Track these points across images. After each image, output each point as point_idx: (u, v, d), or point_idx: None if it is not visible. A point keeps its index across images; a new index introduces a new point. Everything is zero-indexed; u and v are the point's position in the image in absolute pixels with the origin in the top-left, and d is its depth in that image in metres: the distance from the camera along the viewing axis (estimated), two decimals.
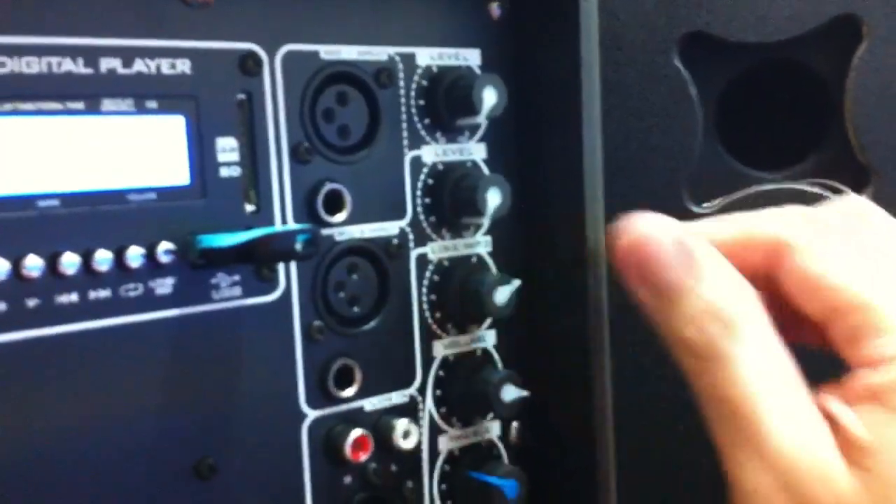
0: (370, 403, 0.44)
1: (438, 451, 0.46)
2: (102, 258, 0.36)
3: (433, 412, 0.46)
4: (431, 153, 0.46)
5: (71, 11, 0.36)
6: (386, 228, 0.44)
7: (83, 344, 0.36)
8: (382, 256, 0.44)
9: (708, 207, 0.53)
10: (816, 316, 0.35)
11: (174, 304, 0.38)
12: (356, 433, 0.42)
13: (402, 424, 0.43)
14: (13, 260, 0.34)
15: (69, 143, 0.36)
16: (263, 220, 0.40)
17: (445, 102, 0.45)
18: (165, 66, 0.38)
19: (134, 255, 0.37)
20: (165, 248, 0.37)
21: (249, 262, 0.39)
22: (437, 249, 0.46)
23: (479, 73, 0.46)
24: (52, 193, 0.35)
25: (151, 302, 0.37)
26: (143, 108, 0.37)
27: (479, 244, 0.47)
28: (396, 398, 0.45)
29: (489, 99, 0.44)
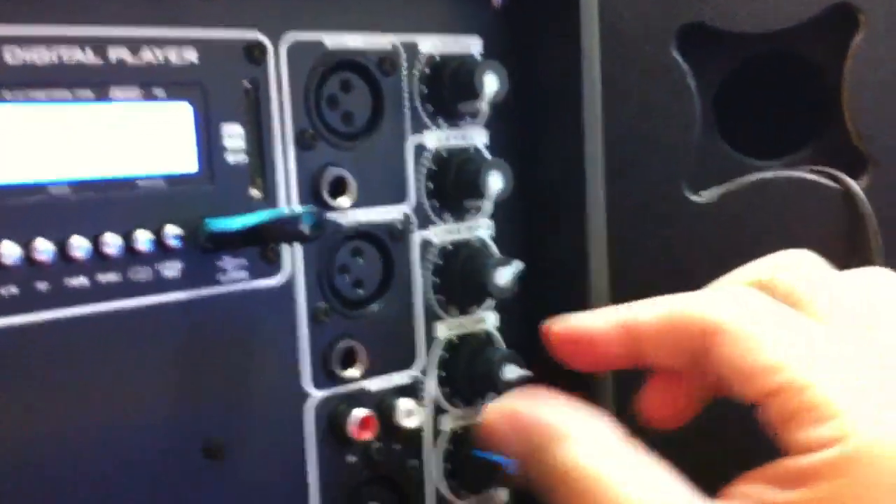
0: (374, 384, 0.45)
1: (441, 430, 0.47)
2: (112, 242, 0.37)
3: (436, 392, 0.47)
4: (434, 139, 0.46)
5: (79, 2, 0.37)
6: (390, 212, 0.45)
7: (93, 326, 0.37)
8: (386, 240, 0.45)
9: (707, 196, 0.54)
10: (750, 399, 0.34)
11: (182, 287, 0.39)
12: (360, 413, 0.43)
13: (405, 404, 0.44)
14: (24, 244, 0.35)
15: (79, 130, 0.37)
16: (269, 205, 0.41)
17: (447, 88, 0.46)
18: (172, 54, 0.39)
19: (143, 238, 0.38)
20: (174, 232, 0.38)
21: (256, 244, 0.40)
22: (439, 233, 0.47)
23: (479, 60, 0.47)
24: (62, 181, 0.36)
25: (160, 285, 0.38)
26: (150, 95, 0.38)
27: (481, 228, 0.48)
28: (400, 378, 0.46)
29: (490, 84, 0.45)
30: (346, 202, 0.43)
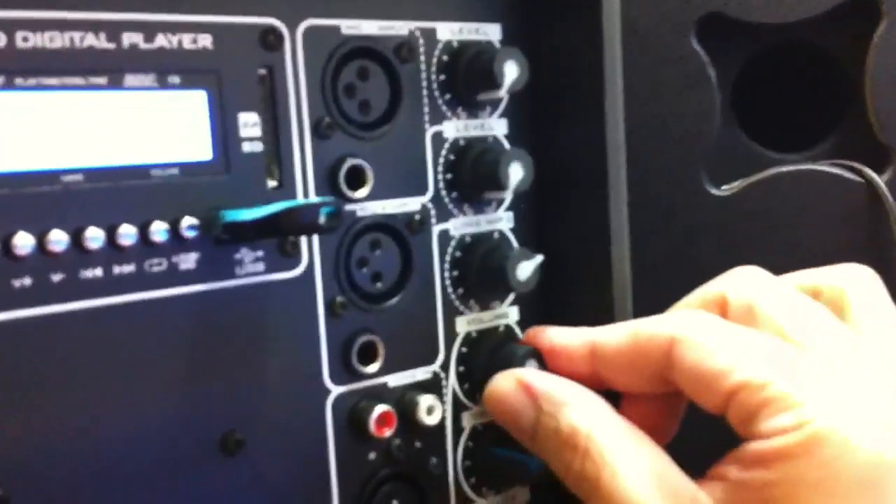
0: (394, 379, 0.44)
1: (462, 427, 0.46)
2: (126, 233, 0.36)
3: (456, 388, 0.46)
4: (453, 128, 0.45)
5: None
6: (408, 204, 0.44)
7: (108, 319, 0.36)
8: (405, 232, 0.44)
9: (727, 190, 0.53)
10: (713, 406, 0.36)
11: (198, 279, 0.38)
12: (380, 409, 0.42)
13: (426, 400, 0.43)
14: (38, 234, 0.34)
15: (92, 118, 0.36)
16: (286, 195, 0.40)
17: (466, 77, 0.45)
18: (187, 40, 0.38)
19: (158, 229, 0.36)
20: (189, 223, 0.37)
21: (272, 235, 0.39)
22: (458, 225, 0.46)
23: (498, 47, 0.46)
24: (75, 168, 0.35)
25: (175, 277, 0.37)
26: (165, 83, 0.37)
27: (500, 220, 0.47)
28: (420, 374, 0.45)
29: (510, 72, 0.44)
30: (363, 193, 0.42)
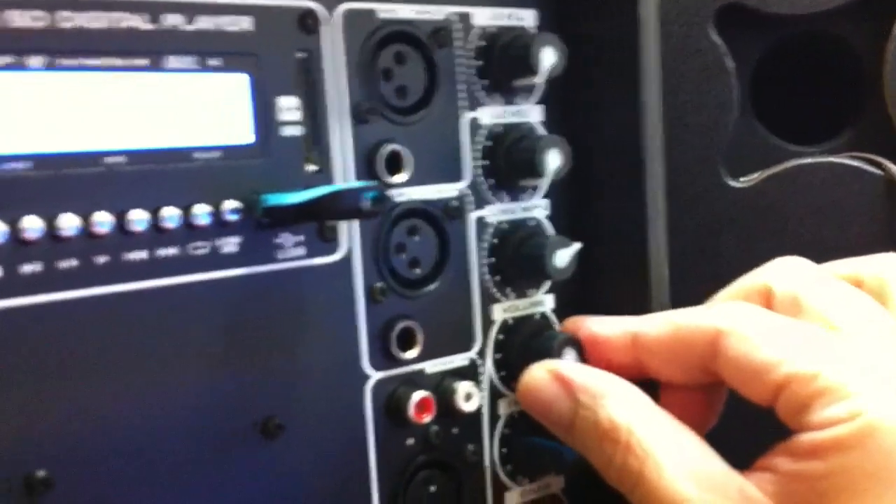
0: (431, 366, 0.43)
1: (498, 414, 0.46)
2: (170, 215, 0.36)
3: (493, 376, 0.46)
4: (489, 114, 0.45)
5: None
6: (445, 190, 0.44)
7: (151, 302, 0.36)
8: (442, 219, 0.43)
9: (745, 182, 0.53)
10: (761, 398, 0.36)
11: (239, 263, 0.38)
12: (420, 395, 0.42)
13: (464, 387, 0.43)
14: (83, 216, 0.34)
15: (135, 99, 0.35)
16: (325, 179, 0.40)
17: (503, 63, 0.45)
18: (227, 22, 0.37)
19: (200, 213, 0.36)
20: (231, 206, 0.37)
21: (315, 219, 0.38)
22: (495, 212, 0.45)
23: (535, 33, 0.46)
24: (118, 151, 0.35)
25: (217, 260, 0.37)
26: (206, 65, 0.37)
27: (537, 207, 0.47)
28: (457, 361, 0.44)
29: (548, 59, 0.44)
30: (402, 179, 0.42)
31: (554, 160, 0.44)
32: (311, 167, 0.40)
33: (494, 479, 0.46)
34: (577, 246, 0.45)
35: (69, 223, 0.33)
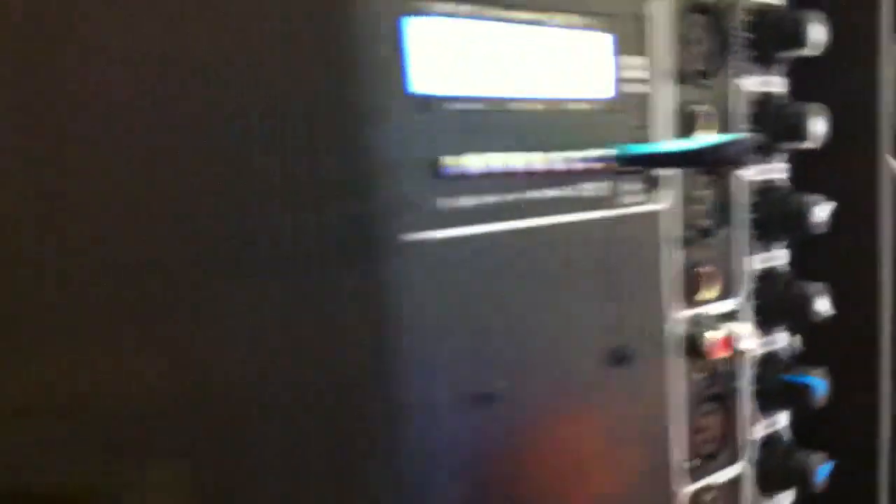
0: (716, 308, 0.48)
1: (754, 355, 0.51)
2: (554, 160, 0.39)
3: (752, 320, 0.50)
4: (755, 83, 0.50)
5: None
6: None
7: (539, 238, 0.39)
8: (728, 173, 0.48)
9: None
10: None
11: (601, 206, 0.41)
12: (719, 333, 0.46)
13: (744, 328, 0.48)
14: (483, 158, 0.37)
15: (524, 52, 0.39)
16: (646, 135, 0.44)
17: (770, 36, 0.49)
18: None
19: (575, 158, 0.40)
20: (596, 154, 0.41)
21: (672, 167, 0.43)
22: (755, 172, 0.50)
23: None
24: (516, 97, 0.38)
25: (585, 203, 0.41)
26: (590, 25, 0.41)
27: (781, 170, 0.52)
28: (729, 305, 0.49)
29: (816, 34, 0.49)
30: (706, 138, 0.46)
31: (820, 126, 0.49)
32: (645, 123, 0.44)
33: (750, 412, 0.51)
34: (833, 204, 0.50)
35: (473, 163, 0.37)
